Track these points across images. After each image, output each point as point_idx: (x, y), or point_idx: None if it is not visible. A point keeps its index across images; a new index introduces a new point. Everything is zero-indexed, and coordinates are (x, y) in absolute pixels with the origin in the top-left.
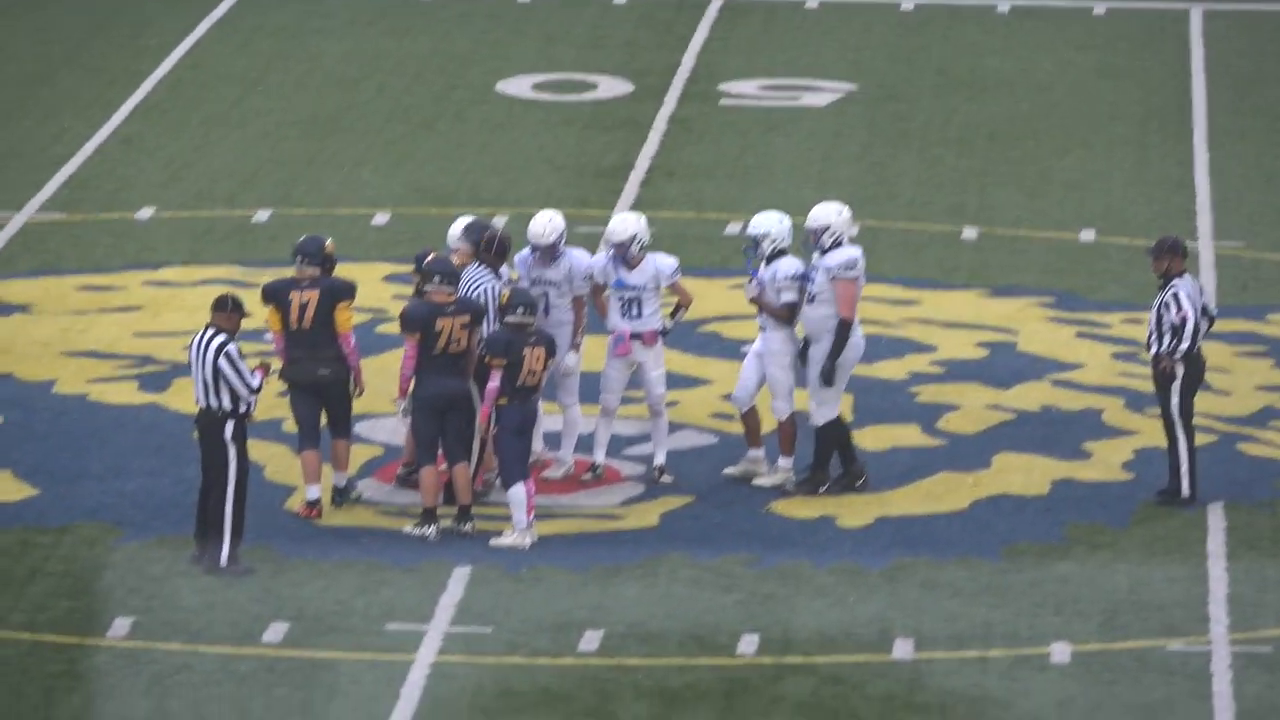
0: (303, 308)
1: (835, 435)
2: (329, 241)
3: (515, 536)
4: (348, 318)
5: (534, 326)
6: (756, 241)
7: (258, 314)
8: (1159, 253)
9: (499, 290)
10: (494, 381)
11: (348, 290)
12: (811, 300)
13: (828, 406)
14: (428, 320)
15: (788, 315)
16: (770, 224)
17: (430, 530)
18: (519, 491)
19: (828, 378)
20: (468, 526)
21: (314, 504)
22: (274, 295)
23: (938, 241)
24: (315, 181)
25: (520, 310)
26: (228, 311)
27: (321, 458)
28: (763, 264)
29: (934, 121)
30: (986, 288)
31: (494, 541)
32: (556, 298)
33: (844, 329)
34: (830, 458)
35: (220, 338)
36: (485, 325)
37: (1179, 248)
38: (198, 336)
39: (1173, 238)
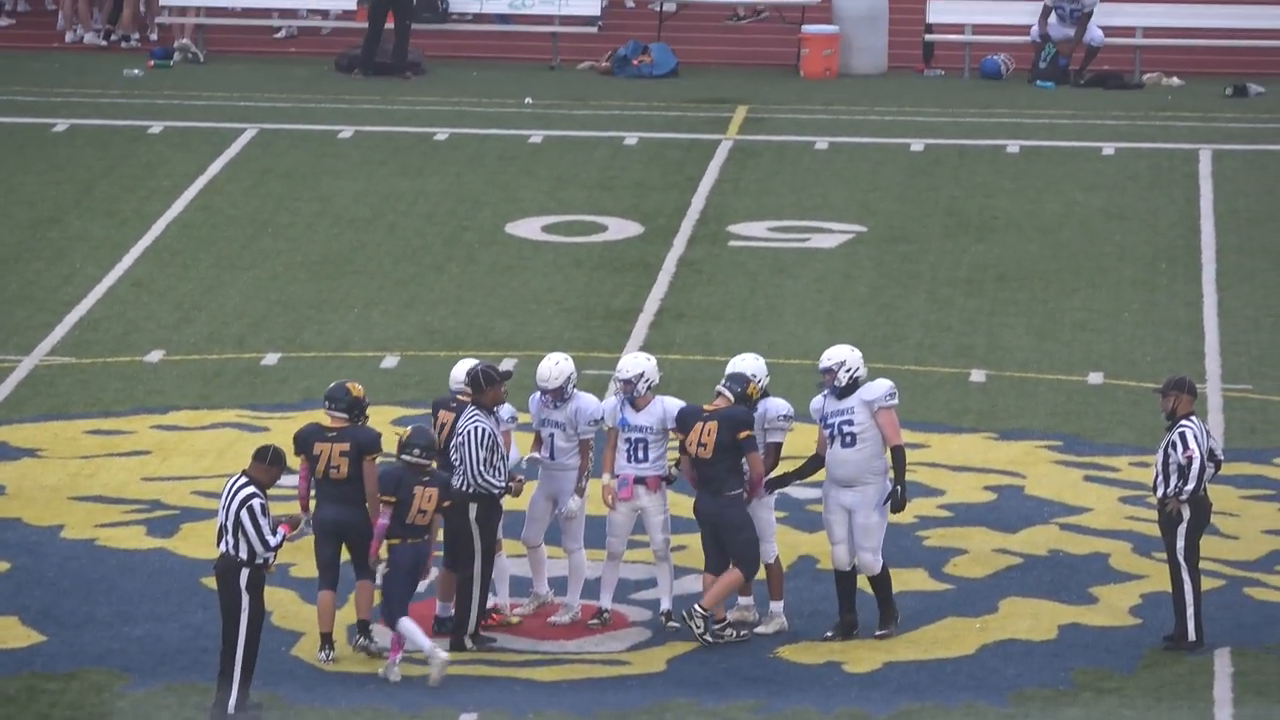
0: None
1: (886, 577)
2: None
3: (436, 664)
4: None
5: (431, 468)
6: (746, 381)
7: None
8: (1167, 391)
9: (486, 431)
10: (383, 519)
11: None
12: (851, 442)
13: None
14: (308, 442)
15: (774, 461)
16: (750, 365)
17: (327, 654)
18: (407, 625)
19: (901, 504)
20: (360, 640)
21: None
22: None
23: (946, 384)
24: (325, 324)
25: (416, 451)
26: (266, 464)
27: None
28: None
29: (943, 263)
30: (994, 431)
31: (433, 680)
32: (562, 440)
33: (902, 454)
34: (891, 594)
35: (249, 489)
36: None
37: (1188, 387)
38: (232, 480)
39: (1182, 377)
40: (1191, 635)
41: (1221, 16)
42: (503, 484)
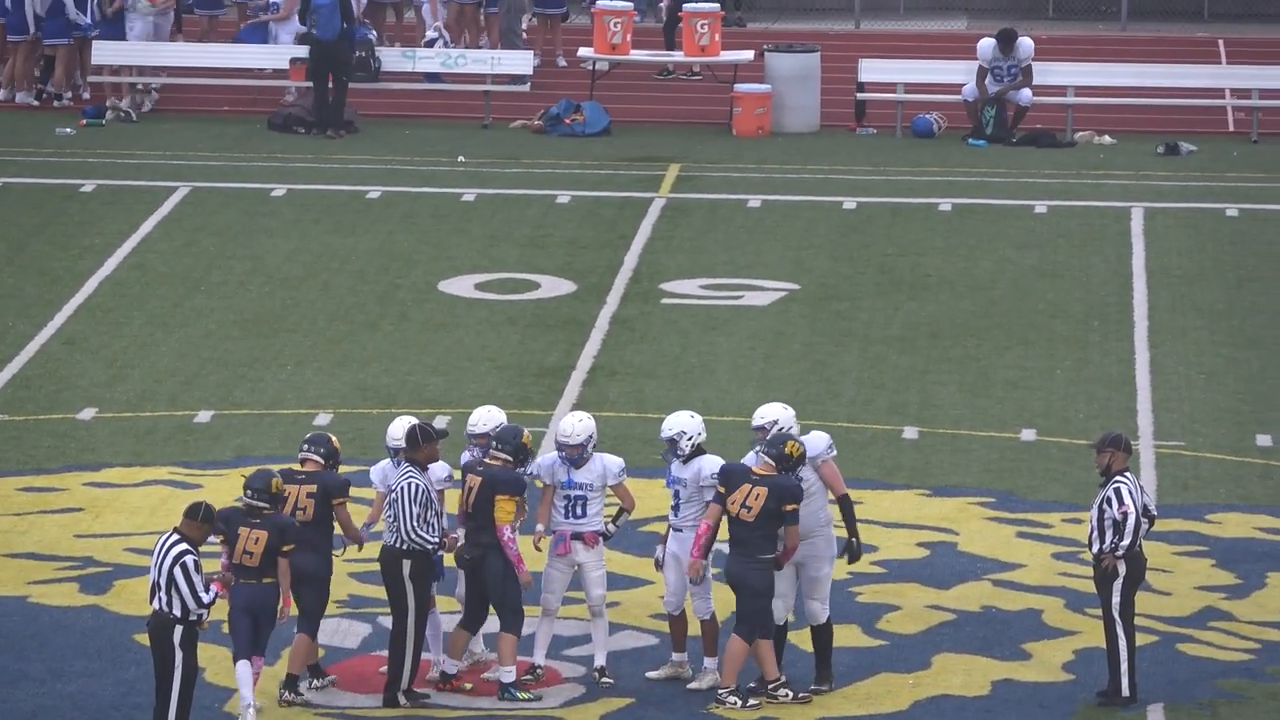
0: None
1: (830, 632)
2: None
3: (244, 716)
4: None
5: (266, 511)
6: (674, 441)
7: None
8: (1102, 447)
9: (420, 488)
10: (224, 558)
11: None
12: None
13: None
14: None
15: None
16: (685, 423)
17: (290, 695)
18: (239, 669)
19: (857, 554)
20: (288, 695)
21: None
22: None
23: (879, 440)
24: (257, 381)
25: (249, 493)
26: (197, 521)
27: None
28: (679, 463)
29: (876, 320)
30: (927, 487)
31: None
32: None
33: (850, 503)
34: (831, 651)
35: (181, 546)
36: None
37: (1123, 443)
38: (164, 538)
39: (1117, 434)
40: (1125, 691)
41: (1153, 76)
42: (436, 540)
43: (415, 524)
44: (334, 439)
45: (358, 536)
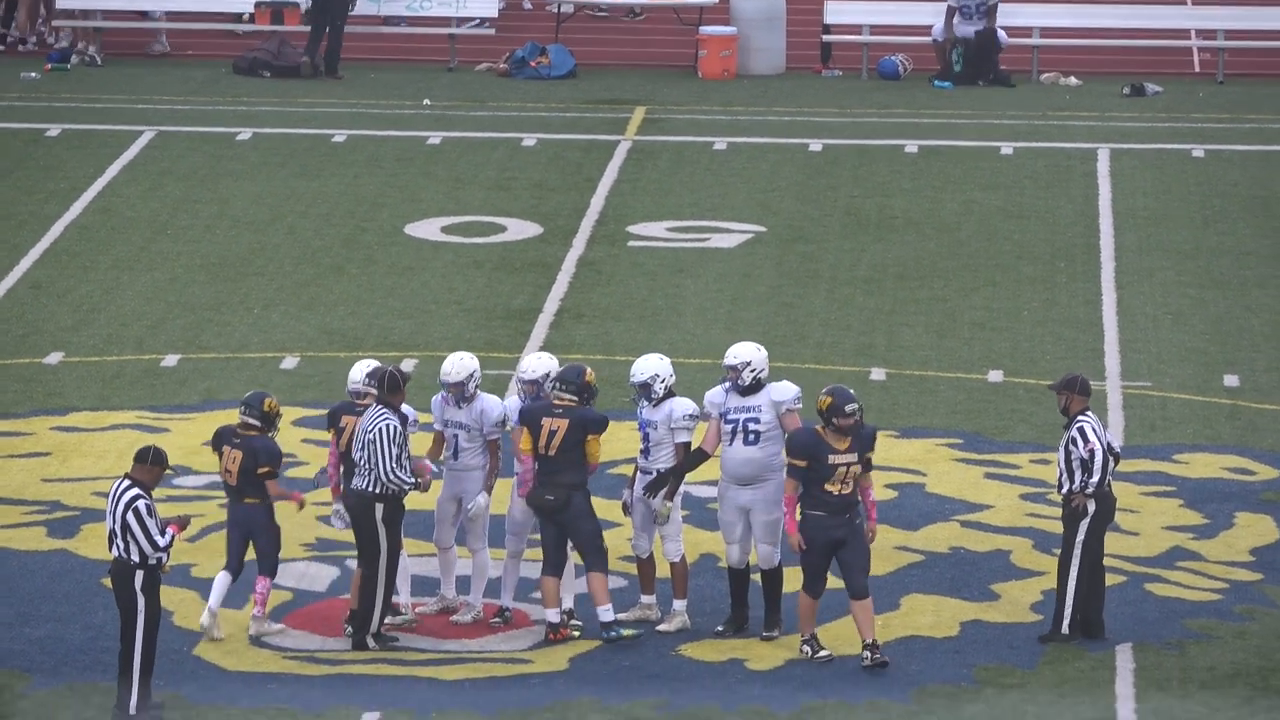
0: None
1: (780, 577)
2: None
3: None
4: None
5: (252, 431)
6: (647, 385)
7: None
8: (1060, 390)
9: (396, 429)
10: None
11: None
12: (754, 440)
13: (777, 548)
14: (335, 416)
15: (684, 459)
16: (657, 366)
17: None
18: (220, 578)
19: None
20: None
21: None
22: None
23: (846, 382)
24: (224, 325)
25: (243, 408)
26: (147, 464)
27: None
28: (649, 405)
29: (842, 262)
30: (895, 429)
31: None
32: (466, 441)
33: None
34: (780, 596)
35: (133, 491)
36: (383, 454)
37: (1080, 385)
38: (116, 484)
39: (1074, 375)
40: (1065, 630)
41: (1119, 17)
42: (413, 481)
43: (394, 465)
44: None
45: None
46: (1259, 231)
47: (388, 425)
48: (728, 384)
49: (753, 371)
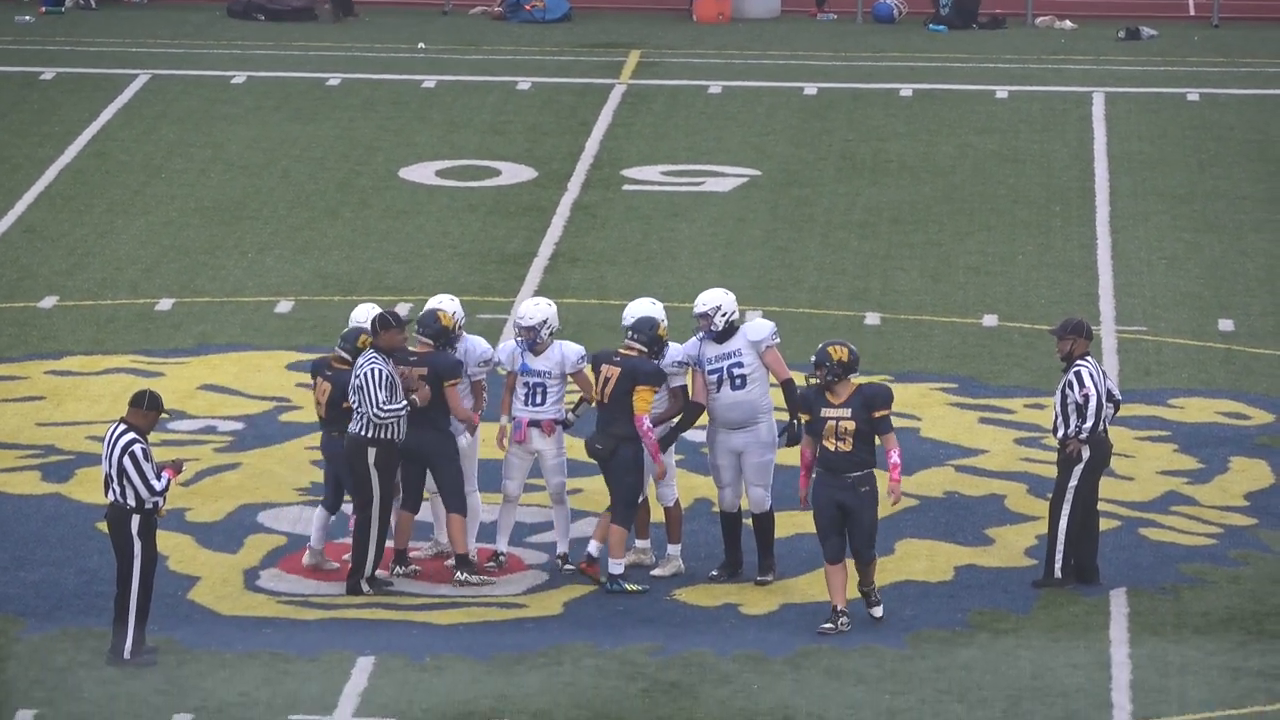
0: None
1: (772, 521)
2: (445, 315)
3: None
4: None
5: (344, 364)
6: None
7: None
8: (1063, 334)
9: (384, 373)
10: None
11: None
12: (742, 384)
13: (768, 491)
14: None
15: (680, 404)
16: (646, 309)
17: (401, 569)
18: (317, 515)
19: (797, 437)
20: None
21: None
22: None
23: (841, 326)
24: (218, 269)
25: (340, 342)
26: (143, 409)
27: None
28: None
29: (837, 206)
30: (889, 373)
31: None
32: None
33: (793, 386)
34: (773, 541)
35: (129, 436)
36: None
37: (1083, 329)
38: (111, 428)
39: (1077, 319)
40: (1057, 574)
41: None
42: (403, 402)
43: (382, 403)
44: (442, 317)
45: (468, 417)
46: (1254, 176)
47: (373, 369)
48: (700, 334)
49: (724, 316)
